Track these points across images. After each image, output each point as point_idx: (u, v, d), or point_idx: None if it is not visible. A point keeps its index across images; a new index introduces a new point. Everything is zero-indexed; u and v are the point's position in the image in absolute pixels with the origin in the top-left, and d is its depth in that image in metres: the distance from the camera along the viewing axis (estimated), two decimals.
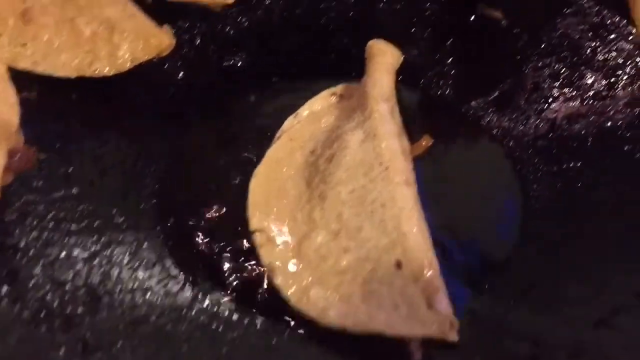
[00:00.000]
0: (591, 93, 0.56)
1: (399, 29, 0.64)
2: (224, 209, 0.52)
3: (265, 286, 0.48)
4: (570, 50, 0.59)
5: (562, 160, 0.53)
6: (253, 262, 0.48)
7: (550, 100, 0.57)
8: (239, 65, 0.62)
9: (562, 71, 0.58)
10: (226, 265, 0.49)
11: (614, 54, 0.57)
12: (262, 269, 0.48)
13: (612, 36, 0.58)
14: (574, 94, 0.56)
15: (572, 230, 0.50)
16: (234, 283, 0.48)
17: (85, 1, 0.54)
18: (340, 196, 0.49)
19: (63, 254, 0.48)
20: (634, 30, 0.57)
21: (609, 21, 0.59)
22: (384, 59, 0.56)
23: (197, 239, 0.50)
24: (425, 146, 0.57)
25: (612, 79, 0.56)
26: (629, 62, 0.56)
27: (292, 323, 0.46)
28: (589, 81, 0.56)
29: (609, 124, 0.54)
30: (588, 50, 0.58)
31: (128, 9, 0.55)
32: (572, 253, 0.48)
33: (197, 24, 0.63)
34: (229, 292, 0.48)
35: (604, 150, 0.53)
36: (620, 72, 0.56)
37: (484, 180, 0.54)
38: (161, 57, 0.60)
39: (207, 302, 0.47)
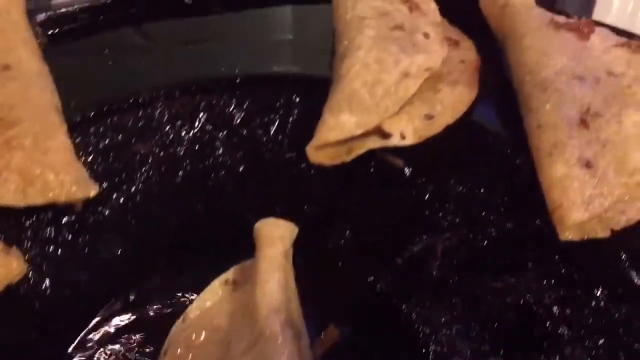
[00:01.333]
0: (503, 269, 0.50)
1: (295, 184, 0.58)
2: None
3: None
4: (478, 208, 0.53)
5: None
6: None
7: (461, 274, 0.51)
8: (117, 254, 0.55)
9: (470, 238, 0.52)
10: None
11: (522, 219, 0.51)
12: None
13: (520, 196, 0.52)
14: (484, 266, 0.51)
15: None
16: None
17: None
18: None
19: None
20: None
21: (518, 172, 0.53)
22: (272, 250, 0.49)
23: None
24: (331, 340, 0.51)
25: (521, 255, 0.50)
26: (537, 234, 0.50)
27: None
28: (500, 253, 0.51)
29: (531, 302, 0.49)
30: (498, 211, 0.52)
31: None
32: None
33: (63, 212, 0.55)
34: None
35: (527, 340, 0.48)
36: (529, 242, 0.51)
37: None
38: None
39: None
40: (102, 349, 0.51)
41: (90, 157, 0.58)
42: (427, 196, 0.55)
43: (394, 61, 0.54)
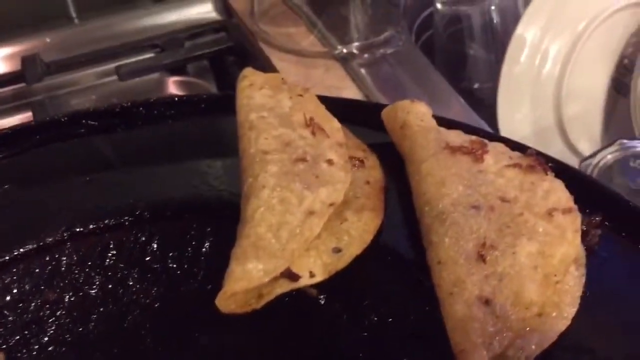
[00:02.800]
0: None
1: (214, 317, 0.57)
2: None
3: None
4: (392, 337, 0.54)
5: None
6: None
7: None
8: None
9: None
10: None
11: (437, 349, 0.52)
12: None
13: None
14: None
15: None
16: None
17: None
18: None
19: None
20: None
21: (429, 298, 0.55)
22: None
23: None
24: None
25: None
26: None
27: None
28: None
29: None
30: (411, 341, 0.54)
31: None
32: None
33: None
34: None
35: None
36: None
37: None
38: None
39: None
40: None
41: None
42: (342, 326, 0.56)
43: (298, 200, 0.54)
